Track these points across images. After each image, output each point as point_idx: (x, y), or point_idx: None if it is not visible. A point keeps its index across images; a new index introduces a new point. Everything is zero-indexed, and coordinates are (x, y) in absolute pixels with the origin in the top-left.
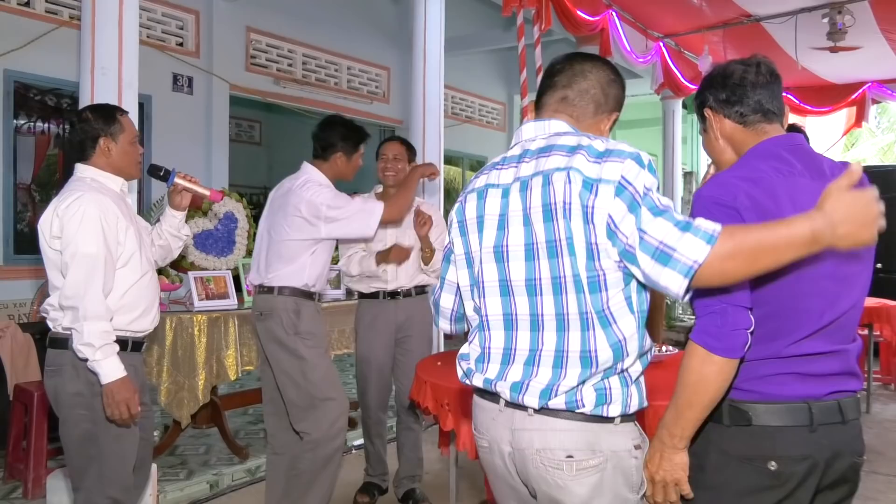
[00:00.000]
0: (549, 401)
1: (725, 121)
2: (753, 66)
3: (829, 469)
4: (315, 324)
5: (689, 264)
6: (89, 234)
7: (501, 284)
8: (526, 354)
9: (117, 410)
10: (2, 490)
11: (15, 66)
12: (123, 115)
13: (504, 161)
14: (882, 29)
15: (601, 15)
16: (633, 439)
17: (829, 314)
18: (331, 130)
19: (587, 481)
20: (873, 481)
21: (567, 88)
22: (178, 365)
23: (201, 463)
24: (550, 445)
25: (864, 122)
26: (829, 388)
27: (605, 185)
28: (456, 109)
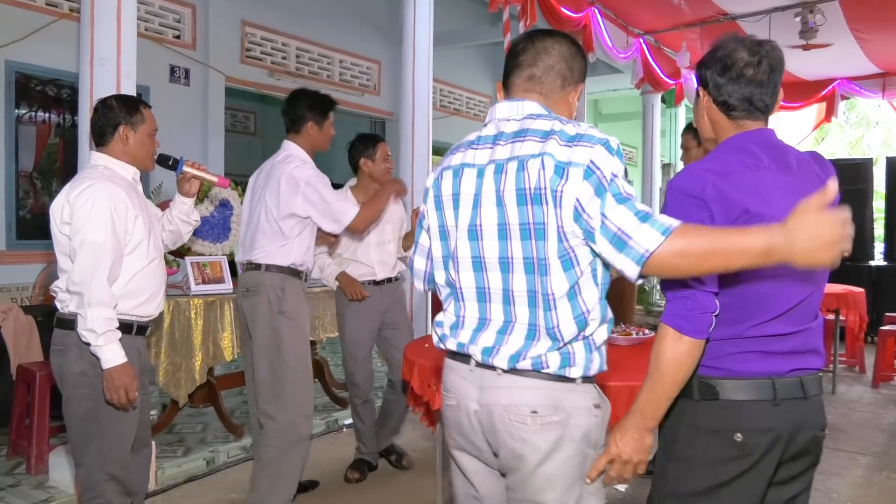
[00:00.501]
0: (518, 364)
1: (713, 105)
2: (756, 60)
3: (791, 441)
4: (299, 304)
5: (641, 252)
6: (98, 223)
7: (475, 260)
8: (500, 325)
9: (116, 395)
10: (6, 466)
11: (16, 56)
12: (147, 108)
13: (479, 140)
14: (851, 28)
15: (584, 12)
16: (592, 399)
17: (791, 300)
18: (298, 102)
19: (549, 435)
20: (837, 457)
21: (533, 66)
22: (175, 347)
23: (198, 440)
24: (516, 401)
25: (834, 116)
26: (791, 365)
27: (575, 168)
28: (444, 102)
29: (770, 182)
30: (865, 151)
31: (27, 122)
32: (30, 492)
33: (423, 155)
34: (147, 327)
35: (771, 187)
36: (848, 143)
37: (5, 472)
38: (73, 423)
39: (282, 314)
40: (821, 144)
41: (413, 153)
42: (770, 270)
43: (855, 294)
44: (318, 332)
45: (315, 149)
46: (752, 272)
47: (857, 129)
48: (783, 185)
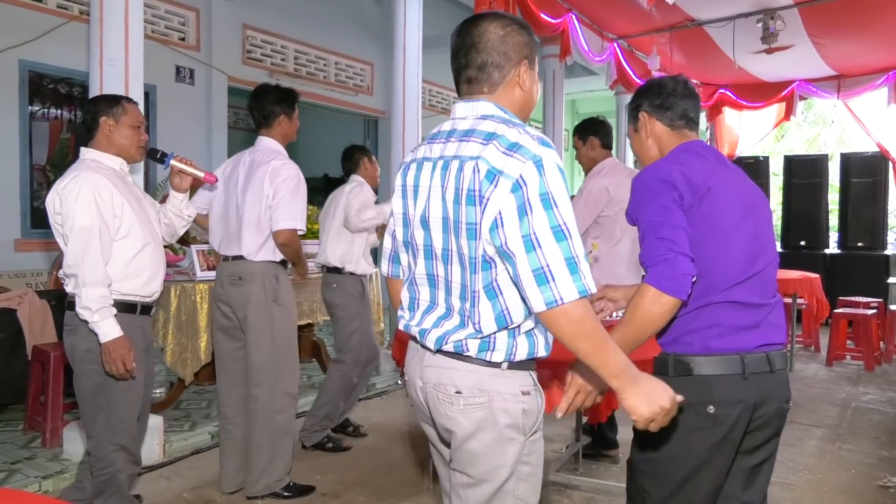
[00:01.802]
0: (442, 346)
1: (657, 123)
2: (682, 82)
3: (757, 412)
4: (289, 292)
5: (555, 298)
6: (84, 209)
7: (426, 249)
8: (442, 311)
9: (114, 366)
10: (23, 440)
11: (29, 56)
12: (129, 102)
13: (438, 135)
14: (809, 33)
15: (562, 18)
16: (521, 385)
17: (753, 267)
18: (265, 98)
19: (473, 416)
20: (793, 430)
21: (468, 69)
22: (182, 329)
23: (203, 416)
24: (443, 381)
25: (793, 115)
26: (758, 341)
27: (505, 178)
28: (433, 101)
29: (717, 173)
30: (822, 148)
31: (40, 119)
32: (45, 464)
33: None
34: (151, 307)
35: (717, 177)
36: (806, 141)
37: (22, 445)
38: (83, 397)
39: (276, 302)
40: (781, 142)
41: (404, 149)
42: (737, 234)
43: (811, 279)
44: (316, 314)
45: (287, 140)
46: (722, 237)
47: (815, 127)
48: (727, 173)
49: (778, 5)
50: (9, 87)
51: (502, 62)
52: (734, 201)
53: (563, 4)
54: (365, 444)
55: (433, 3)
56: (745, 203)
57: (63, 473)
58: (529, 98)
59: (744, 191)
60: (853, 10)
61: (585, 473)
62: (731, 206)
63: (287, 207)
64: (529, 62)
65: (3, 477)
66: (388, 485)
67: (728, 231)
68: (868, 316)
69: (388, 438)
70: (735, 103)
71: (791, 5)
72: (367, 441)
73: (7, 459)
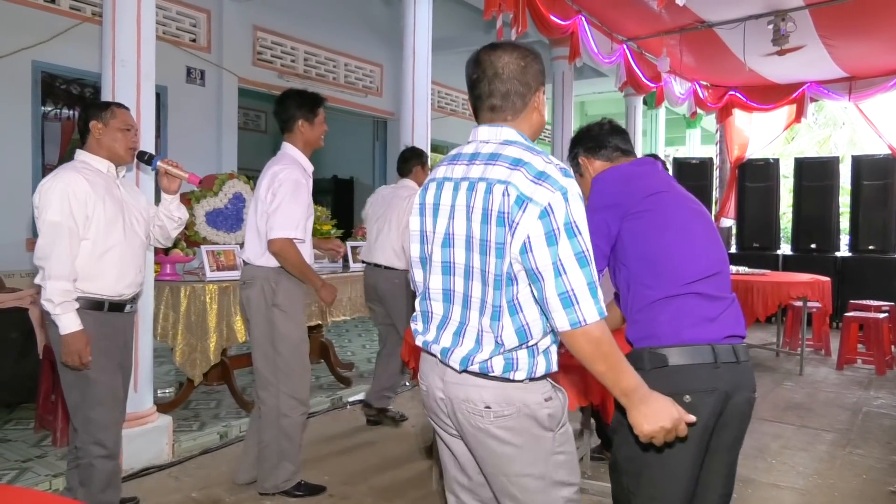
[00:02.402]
0: (468, 367)
1: (595, 161)
2: (606, 123)
3: (730, 401)
4: (292, 297)
5: (579, 319)
6: (55, 206)
7: (444, 265)
8: (456, 326)
9: (70, 359)
10: (33, 439)
11: (42, 57)
12: (119, 107)
13: (459, 157)
14: (820, 35)
15: (571, 20)
16: (542, 393)
17: (712, 263)
18: (286, 103)
19: (503, 424)
20: (804, 434)
21: (491, 97)
22: (191, 329)
23: (212, 416)
24: (472, 398)
25: (803, 117)
26: (724, 332)
27: (534, 205)
28: (442, 103)
29: (665, 179)
30: (832, 150)
31: (52, 119)
32: (55, 462)
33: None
34: (123, 305)
35: (665, 180)
36: (816, 143)
37: (33, 443)
38: (65, 390)
39: (275, 306)
40: (791, 144)
41: None
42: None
43: (822, 282)
44: (325, 315)
45: (309, 146)
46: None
47: (825, 129)
48: (672, 183)
49: (789, 7)
50: (22, 87)
51: (524, 91)
52: (684, 202)
53: (573, 6)
54: (373, 445)
55: (442, 6)
56: (693, 206)
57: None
58: (543, 120)
59: (690, 198)
60: (865, 12)
61: (594, 476)
62: (681, 205)
63: (281, 215)
64: (544, 88)
65: (14, 475)
66: (395, 486)
67: (683, 225)
68: (879, 320)
69: (396, 439)
70: (745, 105)
71: (802, 7)
72: (376, 442)
73: (18, 458)
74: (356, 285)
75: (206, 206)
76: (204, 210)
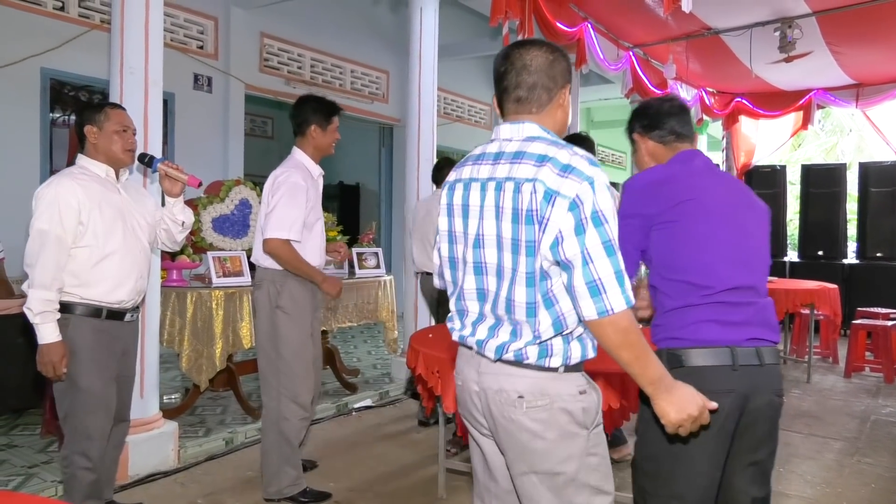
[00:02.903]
0: (503, 355)
1: (649, 141)
2: (667, 101)
3: (749, 403)
4: (296, 300)
5: (607, 308)
6: (45, 213)
7: (476, 266)
8: (492, 321)
9: (45, 369)
10: (40, 444)
11: (51, 64)
12: (114, 108)
13: (483, 156)
14: (827, 42)
15: (578, 26)
16: (577, 386)
17: (737, 272)
18: (302, 107)
19: (536, 416)
20: (811, 442)
21: (518, 89)
22: (197, 335)
23: (218, 422)
24: (505, 387)
25: (810, 124)
26: (748, 334)
27: (562, 199)
28: (447, 109)
29: (706, 178)
30: (839, 157)
31: (60, 125)
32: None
33: (428, 158)
34: (123, 313)
35: (708, 181)
36: (823, 150)
37: (39, 449)
38: (56, 397)
39: (279, 309)
40: (798, 151)
41: (419, 156)
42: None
43: (829, 290)
44: (330, 322)
45: (320, 152)
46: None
47: (832, 136)
48: (715, 182)
49: (796, 14)
50: (31, 94)
51: (551, 85)
52: (715, 208)
53: (579, 13)
54: (379, 452)
55: (449, 12)
56: (727, 212)
57: None
58: (567, 119)
59: (727, 199)
60: (872, 19)
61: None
62: (710, 212)
63: (275, 216)
64: (570, 86)
65: (21, 481)
66: (401, 493)
67: (706, 237)
68: (888, 327)
69: (402, 446)
70: (752, 112)
71: (809, 14)
72: (381, 449)
73: (24, 463)
74: (362, 291)
75: (212, 213)
76: (210, 216)
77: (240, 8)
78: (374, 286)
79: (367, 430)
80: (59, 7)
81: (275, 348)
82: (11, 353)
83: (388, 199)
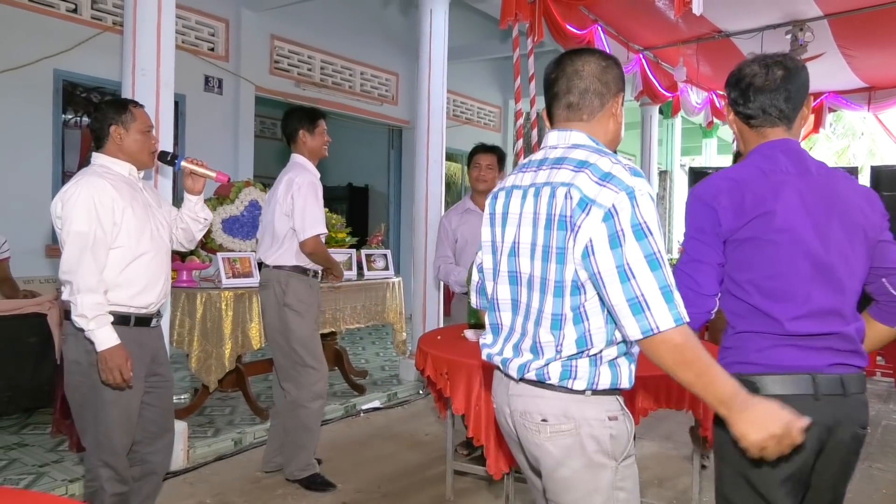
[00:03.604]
0: (525, 374)
1: (738, 119)
2: (764, 70)
3: (831, 436)
4: (302, 298)
5: (651, 326)
6: (81, 215)
7: (511, 275)
8: (518, 337)
9: (111, 375)
10: (50, 443)
11: (63, 66)
12: (137, 107)
13: (529, 164)
14: (839, 45)
15: (588, 29)
16: (607, 410)
17: (819, 303)
18: (289, 118)
19: (560, 443)
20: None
21: (569, 94)
22: (207, 335)
23: (227, 422)
24: (529, 409)
25: (822, 128)
26: (830, 360)
27: (598, 207)
28: (457, 112)
29: (787, 186)
30: (851, 161)
31: (72, 127)
32: (72, 467)
33: (437, 160)
34: (150, 319)
35: (787, 191)
36: (835, 153)
37: (49, 448)
38: (74, 410)
39: (286, 306)
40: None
41: (428, 158)
42: (800, 262)
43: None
44: (339, 323)
45: (313, 154)
46: (788, 261)
47: (844, 139)
48: (801, 188)
49: (807, 17)
50: (44, 95)
51: (603, 91)
52: (795, 223)
53: (589, 16)
54: (386, 453)
55: (458, 14)
56: (813, 224)
57: None
58: (620, 130)
59: (814, 208)
60: (884, 22)
61: None
62: (795, 226)
63: (306, 216)
64: (623, 96)
65: (31, 479)
66: (408, 494)
67: (786, 259)
68: None
69: (410, 448)
70: None
71: (821, 17)
72: (389, 450)
73: (35, 462)
74: (370, 293)
75: (222, 214)
76: (220, 217)
77: (250, 10)
78: (382, 288)
79: (375, 432)
80: (72, 9)
81: (287, 343)
82: (23, 353)
83: (397, 200)
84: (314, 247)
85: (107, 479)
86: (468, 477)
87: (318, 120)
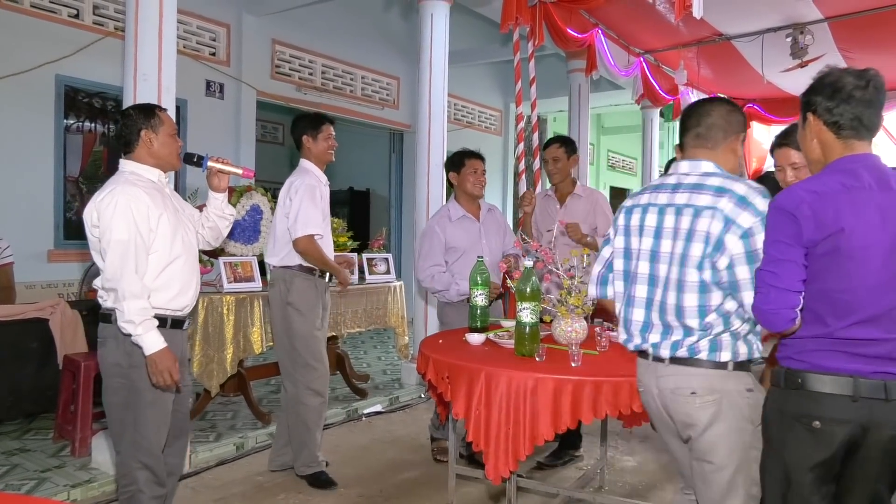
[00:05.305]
0: (677, 352)
1: (823, 129)
2: (863, 83)
3: (867, 435)
4: (304, 297)
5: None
6: (120, 223)
7: (650, 277)
8: (661, 327)
9: (161, 378)
10: (52, 448)
11: (65, 71)
12: (162, 111)
13: (662, 186)
14: (840, 48)
15: (588, 33)
16: (745, 384)
17: (881, 305)
18: (295, 126)
19: (708, 411)
20: None
21: (698, 126)
22: (209, 340)
23: (229, 427)
24: (680, 385)
25: None
26: (876, 368)
27: (737, 227)
28: (458, 115)
29: (868, 202)
30: None
31: (74, 132)
32: (74, 472)
33: (438, 164)
34: (183, 321)
35: (868, 207)
36: None
37: (52, 454)
38: (110, 412)
39: (289, 305)
40: None
41: (429, 162)
42: (860, 277)
43: None
44: (340, 327)
45: (319, 159)
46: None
47: None
48: (882, 204)
49: (808, 20)
50: (45, 101)
51: (727, 127)
52: (874, 240)
53: (590, 19)
54: (388, 457)
55: (459, 19)
56: (891, 241)
57: (91, 482)
58: (736, 165)
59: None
60: (885, 25)
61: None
62: (867, 246)
63: (299, 216)
64: (743, 136)
65: (33, 485)
66: (410, 499)
67: (853, 273)
68: None
69: (412, 452)
70: (764, 118)
71: (821, 20)
72: (391, 454)
73: (37, 468)
74: (372, 297)
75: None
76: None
77: (252, 15)
78: (384, 292)
79: (378, 436)
80: (74, 15)
81: (290, 341)
82: (25, 358)
83: (399, 204)
84: (306, 246)
85: (145, 481)
86: (470, 481)
87: (322, 125)
